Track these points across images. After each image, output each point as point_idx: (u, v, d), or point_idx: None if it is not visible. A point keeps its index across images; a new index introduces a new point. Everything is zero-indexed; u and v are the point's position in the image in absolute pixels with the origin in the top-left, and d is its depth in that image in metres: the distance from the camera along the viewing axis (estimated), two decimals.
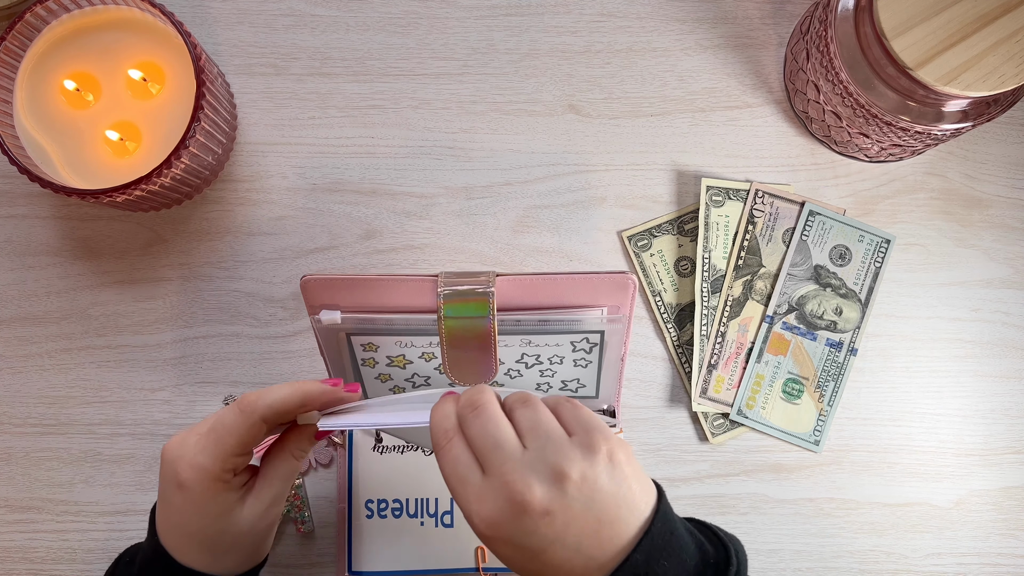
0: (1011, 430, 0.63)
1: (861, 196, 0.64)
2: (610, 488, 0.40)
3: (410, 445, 0.60)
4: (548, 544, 0.40)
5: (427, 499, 0.59)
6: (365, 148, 0.64)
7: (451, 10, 0.65)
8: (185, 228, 0.64)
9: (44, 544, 0.61)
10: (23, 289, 0.63)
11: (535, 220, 0.64)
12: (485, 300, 0.50)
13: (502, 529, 0.40)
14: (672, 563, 0.40)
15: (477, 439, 0.42)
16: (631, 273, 0.53)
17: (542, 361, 0.55)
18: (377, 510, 0.59)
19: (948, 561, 0.62)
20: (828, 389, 0.62)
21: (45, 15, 0.57)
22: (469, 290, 0.50)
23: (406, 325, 0.52)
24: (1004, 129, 0.65)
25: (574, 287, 0.51)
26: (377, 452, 0.60)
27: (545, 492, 0.39)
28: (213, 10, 0.65)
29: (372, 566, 0.59)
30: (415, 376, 0.57)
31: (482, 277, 0.50)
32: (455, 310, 0.50)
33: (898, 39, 0.52)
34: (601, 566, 0.40)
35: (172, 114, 0.58)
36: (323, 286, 0.51)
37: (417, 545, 0.59)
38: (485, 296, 0.50)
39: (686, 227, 0.64)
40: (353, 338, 0.54)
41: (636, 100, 0.65)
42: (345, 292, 0.51)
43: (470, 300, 0.50)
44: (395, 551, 0.59)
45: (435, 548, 0.59)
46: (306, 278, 0.51)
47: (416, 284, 0.51)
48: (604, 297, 0.52)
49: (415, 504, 0.59)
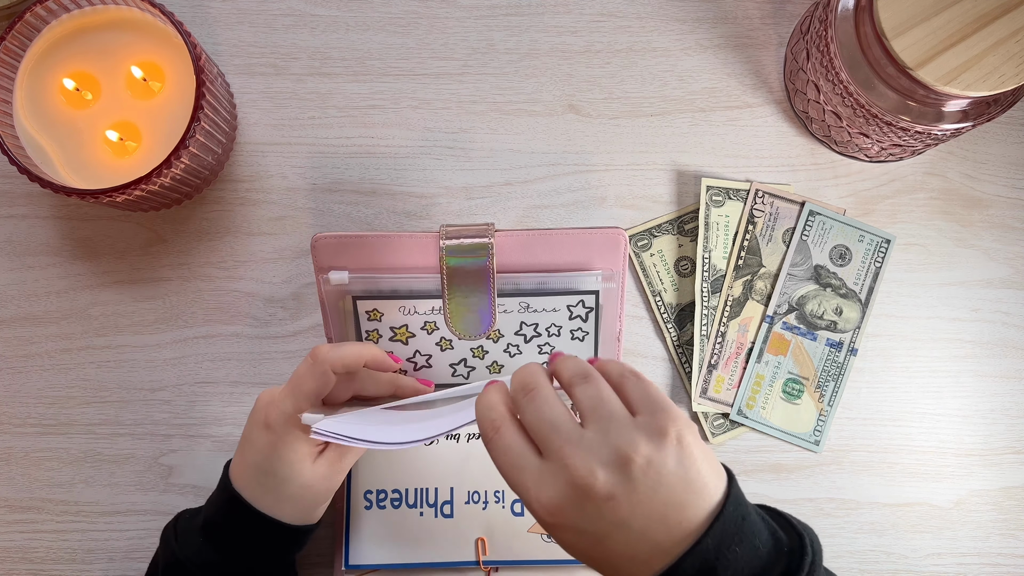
0: (1011, 430, 0.63)
1: (861, 196, 0.64)
2: (678, 472, 0.39)
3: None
4: (613, 529, 0.38)
5: (427, 489, 0.59)
6: (365, 148, 0.64)
7: (451, 10, 0.65)
8: (185, 228, 0.64)
9: (44, 544, 0.61)
10: (23, 289, 0.63)
11: (535, 220, 0.64)
12: (484, 245, 0.54)
13: (565, 515, 0.39)
14: (744, 549, 0.38)
15: (533, 423, 0.41)
16: (622, 229, 0.57)
17: (540, 332, 0.57)
18: (376, 500, 0.59)
19: (948, 561, 0.62)
20: (828, 389, 0.62)
21: (45, 15, 0.57)
22: (470, 239, 0.55)
23: (410, 287, 0.56)
24: (1004, 129, 0.65)
25: (568, 243, 0.56)
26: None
27: (608, 476, 0.38)
28: (213, 10, 0.65)
29: (370, 559, 0.58)
30: (417, 354, 0.58)
31: (482, 226, 0.55)
32: (457, 253, 0.55)
33: (898, 39, 0.52)
34: (667, 552, 0.38)
35: (172, 114, 0.58)
36: (333, 246, 0.55)
37: (416, 536, 0.59)
38: (484, 242, 0.54)
39: (686, 227, 0.64)
40: (359, 303, 0.56)
41: (636, 100, 0.65)
42: (354, 252, 0.56)
43: (472, 243, 0.55)
44: (394, 543, 0.59)
45: (435, 539, 0.59)
46: (317, 236, 0.55)
47: (421, 239, 0.56)
48: (598, 259, 0.56)
49: (415, 494, 0.59)
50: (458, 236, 0.55)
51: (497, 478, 0.58)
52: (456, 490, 0.59)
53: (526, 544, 0.59)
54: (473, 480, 0.59)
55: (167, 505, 0.61)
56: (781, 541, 0.40)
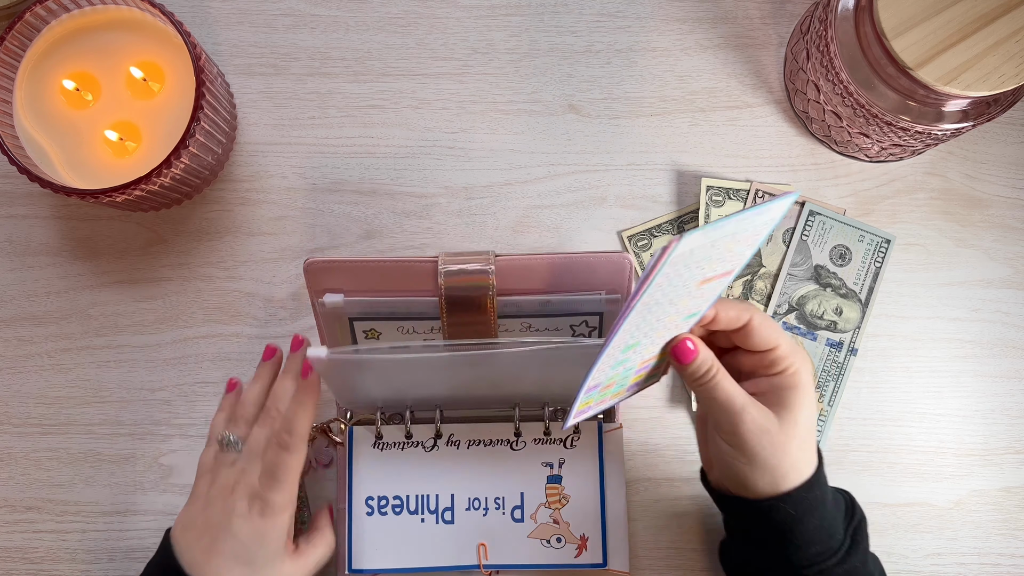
0: (1011, 430, 0.63)
1: (861, 196, 0.64)
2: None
3: (411, 441, 0.60)
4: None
5: (427, 495, 0.59)
6: (365, 148, 0.64)
7: (451, 10, 0.65)
8: (185, 228, 0.64)
9: (44, 544, 0.61)
10: (23, 289, 0.63)
11: (535, 220, 0.64)
12: (486, 278, 0.51)
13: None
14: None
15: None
16: (628, 254, 0.54)
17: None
18: (377, 507, 0.59)
19: (948, 561, 0.62)
20: (828, 389, 0.62)
21: (45, 15, 0.57)
22: (470, 268, 0.51)
23: (408, 308, 0.53)
24: (1004, 129, 0.65)
25: (572, 268, 0.52)
26: (377, 448, 0.60)
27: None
28: (213, 10, 0.65)
29: (372, 564, 0.59)
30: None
31: (481, 256, 0.51)
32: (456, 280, 0.51)
33: (898, 39, 0.52)
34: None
35: (172, 114, 0.58)
36: (327, 270, 0.52)
37: (418, 542, 0.59)
38: (485, 273, 0.51)
39: (686, 227, 0.64)
40: (356, 324, 0.54)
41: (636, 100, 0.65)
42: (348, 276, 0.52)
43: (471, 270, 0.51)
44: (396, 549, 0.59)
45: (436, 545, 0.59)
46: (310, 261, 0.52)
47: (418, 266, 0.51)
48: (601, 281, 0.52)
49: (415, 501, 0.59)
50: (456, 263, 0.52)
51: (497, 484, 0.59)
52: (456, 497, 0.59)
53: (527, 549, 0.59)
54: (473, 487, 0.59)
55: (167, 505, 0.61)
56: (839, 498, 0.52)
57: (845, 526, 0.50)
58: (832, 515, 0.50)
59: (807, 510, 0.48)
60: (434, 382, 0.55)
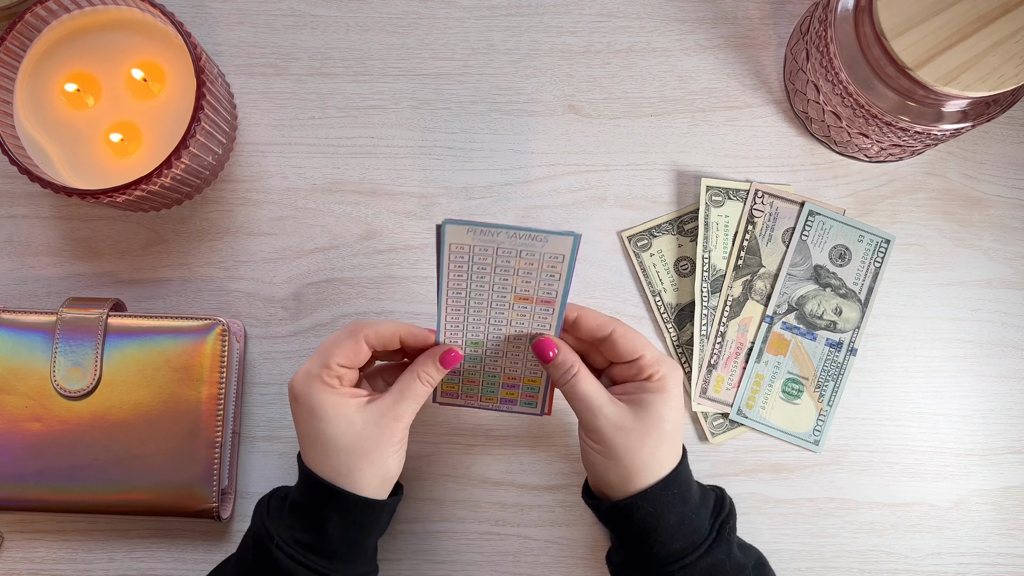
0: (1011, 430, 0.63)
1: (861, 196, 0.64)
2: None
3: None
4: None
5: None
6: (365, 148, 0.64)
7: (451, 10, 0.65)
8: (185, 228, 0.64)
9: (44, 544, 0.61)
10: (23, 289, 0.63)
11: (535, 220, 0.64)
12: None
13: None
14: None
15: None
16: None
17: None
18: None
19: (948, 561, 0.62)
20: (828, 389, 0.62)
21: (45, 15, 0.57)
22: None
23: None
24: (1004, 129, 0.65)
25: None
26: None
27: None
28: (213, 10, 0.65)
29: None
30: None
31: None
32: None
33: (898, 39, 0.52)
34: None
35: (172, 114, 0.58)
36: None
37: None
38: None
39: (686, 227, 0.64)
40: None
41: (636, 100, 0.65)
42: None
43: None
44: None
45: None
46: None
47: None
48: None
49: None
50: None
51: None
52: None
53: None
54: None
55: None
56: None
57: (711, 521, 0.52)
58: (696, 511, 0.51)
59: (666, 507, 0.50)
60: None
